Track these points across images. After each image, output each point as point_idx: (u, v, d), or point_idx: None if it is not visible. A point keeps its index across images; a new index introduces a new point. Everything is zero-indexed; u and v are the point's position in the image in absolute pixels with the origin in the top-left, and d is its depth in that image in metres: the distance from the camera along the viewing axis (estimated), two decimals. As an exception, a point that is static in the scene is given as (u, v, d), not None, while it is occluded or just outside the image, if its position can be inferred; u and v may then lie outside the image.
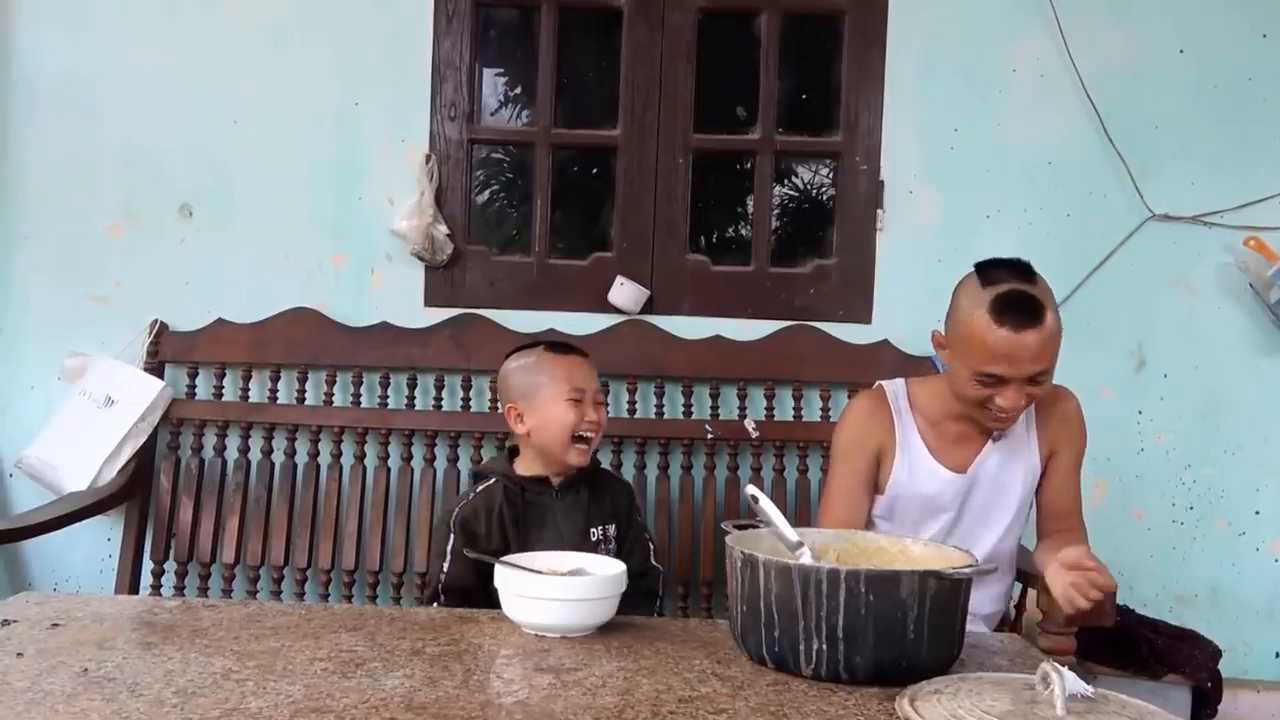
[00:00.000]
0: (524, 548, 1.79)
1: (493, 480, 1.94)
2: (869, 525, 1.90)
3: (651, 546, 2.03)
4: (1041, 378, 1.73)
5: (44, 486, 2.43)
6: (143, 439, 2.44)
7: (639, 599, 1.79)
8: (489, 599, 1.67)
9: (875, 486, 1.92)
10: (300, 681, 1.14)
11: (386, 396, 2.50)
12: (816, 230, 2.73)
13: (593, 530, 1.92)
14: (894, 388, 1.96)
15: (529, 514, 1.90)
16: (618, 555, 1.89)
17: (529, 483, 1.93)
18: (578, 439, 1.88)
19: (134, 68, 2.56)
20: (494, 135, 2.73)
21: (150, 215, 2.56)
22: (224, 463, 2.49)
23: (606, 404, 2.02)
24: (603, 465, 2.11)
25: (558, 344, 2.03)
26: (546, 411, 1.89)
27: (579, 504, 1.93)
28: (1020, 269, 1.74)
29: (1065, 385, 1.94)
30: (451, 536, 1.87)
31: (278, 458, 2.48)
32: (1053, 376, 1.76)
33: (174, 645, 1.26)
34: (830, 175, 2.70)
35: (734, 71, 2.68)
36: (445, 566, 1.86)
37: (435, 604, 1.84)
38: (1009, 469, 1.89)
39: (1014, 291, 1.70)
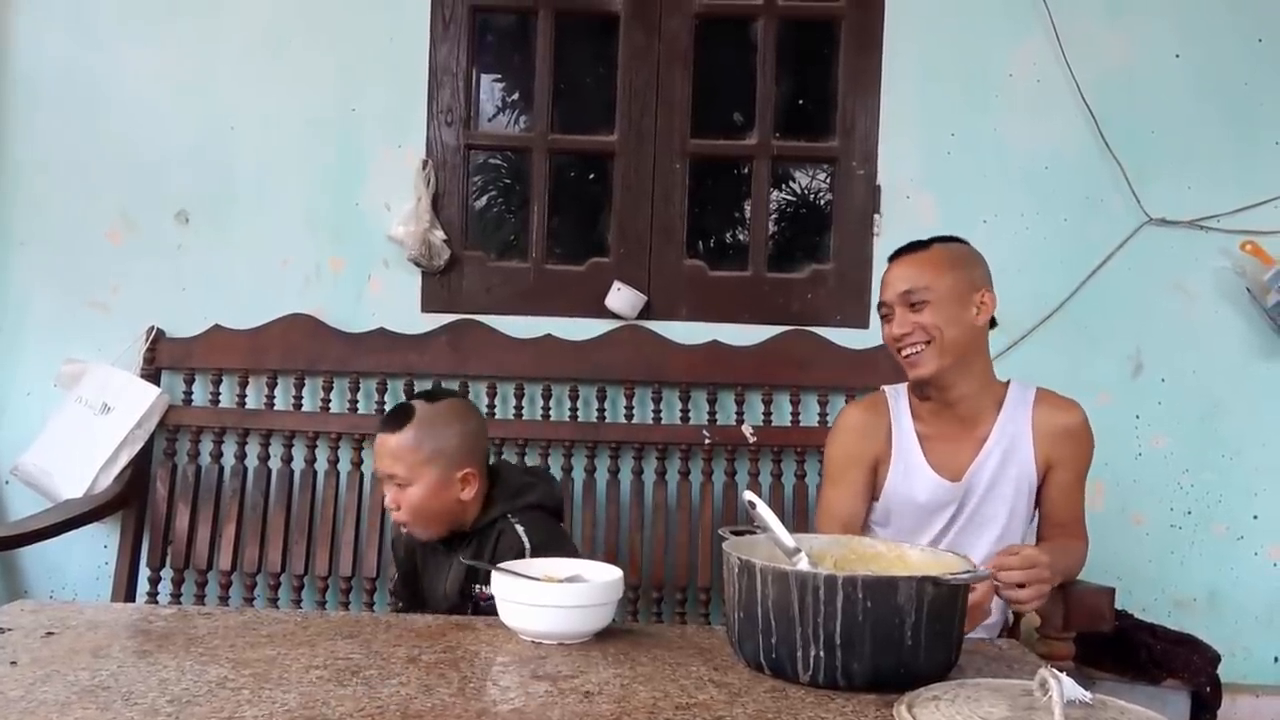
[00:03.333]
0: (425, 582, 1.88)
1: None
2: (865, 532, 1.90)
3: None
4: (915, 297, 1.82)
5: (40, 493, 2.43)
6: (139, 446, 2.44)
7: None
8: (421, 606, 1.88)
9: (872, 495, 1.92)
10: (296, 690, 1.13)
11: (383, 402, 2.49)
12: (813, 235, 2.73)
13: (473, 586, 1.76)
14: (895, 393, 1.96)
15: (430, 557, 1.87)
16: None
17: None
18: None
19: (133, 73, 2.56)
20: (491, 141, 2.73)
21: (148, 221, 2.56)
22: (220, 469, 2.48)
23: (426, 491, 1.76)
24: (525, 509, 1.82)
25: (390, 411, 1.89)
26: None
27: (465, 557, 1.75)
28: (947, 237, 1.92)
29: (1068, 392, 1.94)
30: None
31: (274, 464, 2.48)
32: (941, 311, 1.80)
33: (169, 653, 1.26)
34: (827, 180, 2.70)
35: (731, 76, 2.68)
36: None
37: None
38: (1004, 476, 1.88)
39: (910, 242, 1.91)
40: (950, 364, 1.82)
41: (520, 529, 1.77)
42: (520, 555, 1.71)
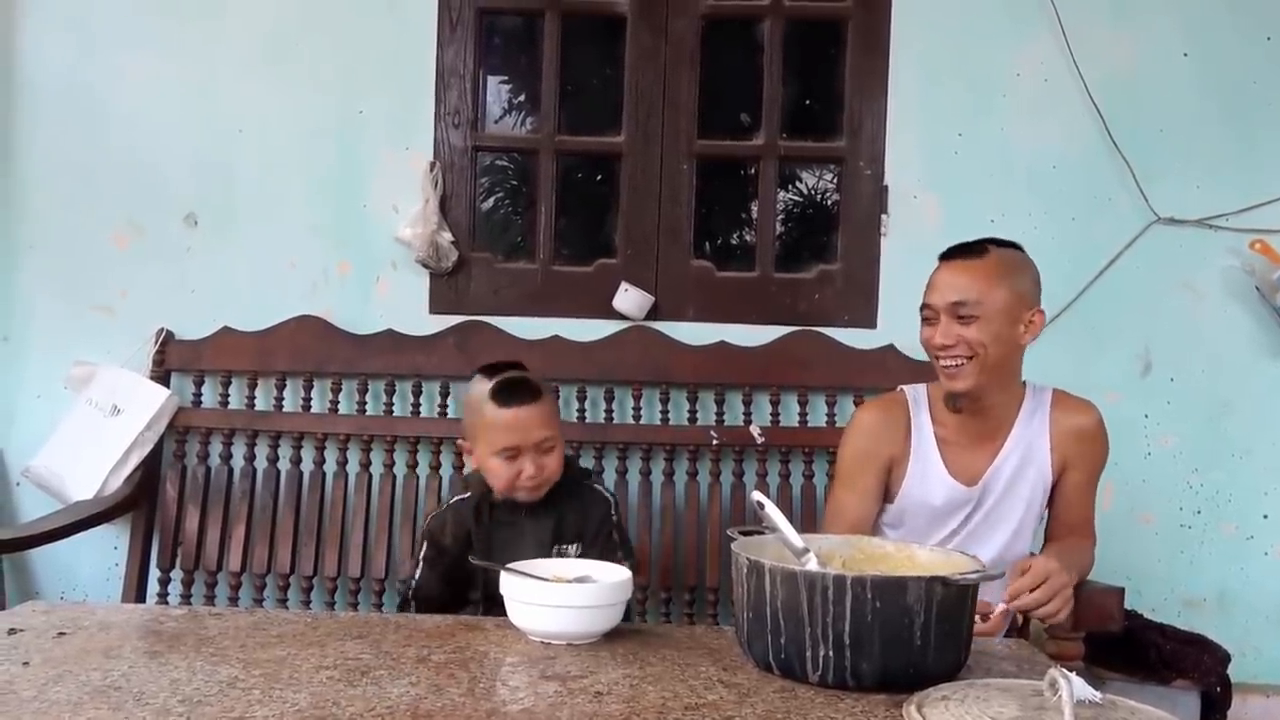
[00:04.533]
0: (489, 560, 1.79)
1: (468, 494, 1.93)
2: (876, 534, 1.90)
3: (628, 563, 1.86)
4: (964, 310, 1.77)
5: (51, 495, 2.44)
6: (149, 447, 2.44)
7: None
8: (459, 606, 1.82)
9: (885, 496, 1.92)
10: (306, 690, 1.14)
11: (391, 404, 2.50)
12: (820, 235, 2.73)
13: (556, 548, 1.84)
14: (915, 393, 1.95)
15: (496, 531, 1.87)
16: None
17: (499, 501, 1.89)
18: (521, 488, 1.83)
19: (138, 77, 2.57)
20: (498, 142, 2.73)
21: (155, 224, 2.57)
22: (230, 471, 2.49)
23: (560, 448, 1.86)
24: (591, 474, 1.98)
25: (504, 387, 1.86)
26: (484, 459, 1.85)
27: (547, 523, 1.87)
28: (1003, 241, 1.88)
29: (1077, 392, 1.94)
30: (424, 545, 1.91)
31: (283, 465, 2.48)
32: (989, 328, 1.77)
33: (180, 654, 1.26)
34: (834, 180, 2.70)
35: (737, 77, 2.68)
36: (417, 574, 1.90)
37: (409, 609, 1.88)
38: (1020, 479, 1.88)
39: (970, 240, 1.85)
40: (987, 380, 1.81)
41: (599, 487, 1.92)
42: (610, 509, 1.92)
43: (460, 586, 1.87)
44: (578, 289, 2.59)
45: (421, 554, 1.91)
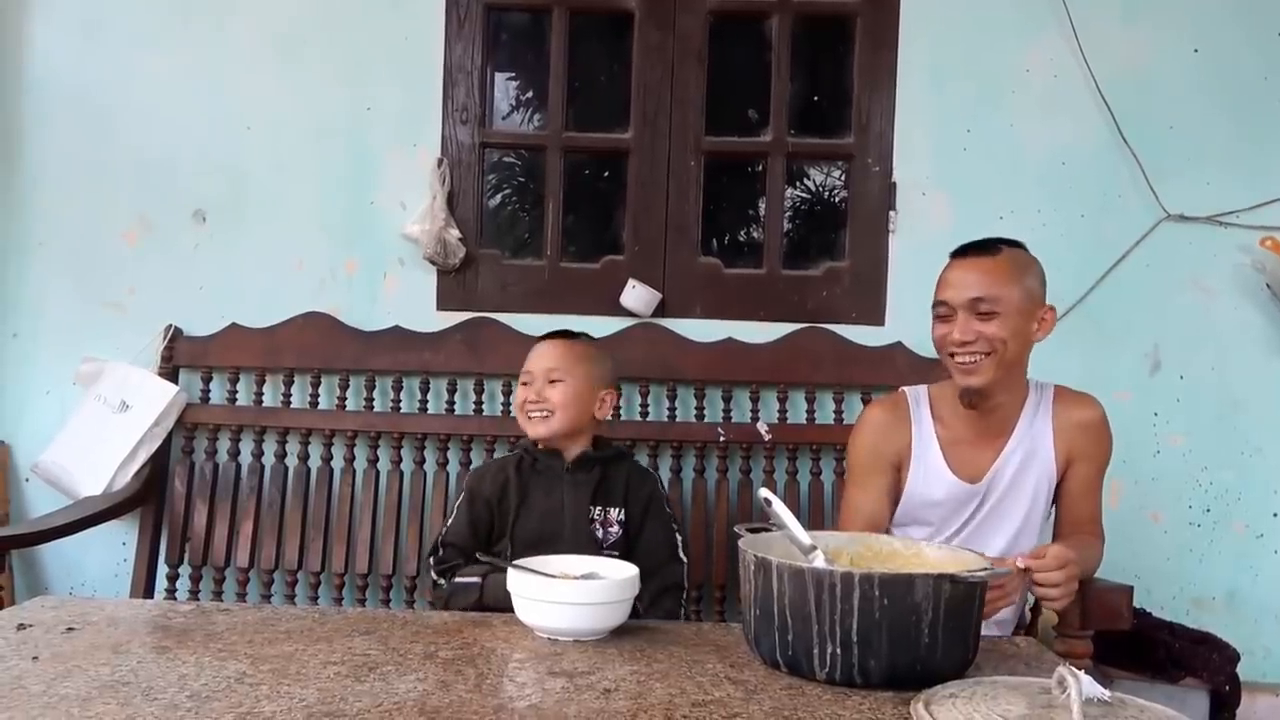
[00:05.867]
0: (522, 510, 1.95)
1: (514, 451, 2.12)
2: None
3: (679, 539, 2.03)
4: (984, 307, 1.77)
5: (59, 491, 2.45)
6: (157, 444, 2.45)
7: (663, 591, 1.93)
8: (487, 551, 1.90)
9: (896, 495, 1.92)
10: (313, 685, 1.14)
11: (399, 400, 2.50)
12: (829, 232, 2.73)
13: (594, 508, 1.97)
14: (915, 393, 1.96)
15: (535, 481, 2.00)
16: (623, 540, 1.96)
17: (542, 454, 2.02)
18: (528, 415, 2.00)
19: (147, 75, 2.57)
20: (506, 139, 2.73)
21: (164, 221, 2.58)
22: (238, 467, 2.50)
23: (573, 391, 1.99)
24: (633, 460, 2.16)
25: (552, 332, 2.12)
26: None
27: (588, 482, 1.98)
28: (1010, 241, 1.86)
29: (1086, 390, 1.94)
30: (464, 494, 2.03)
31: (291, 462, 2.49)
32: (1009, 324, 1.77)
33: (188, 649, 1.27)
34: (842, 177, 2.69)
35: (745, 74, 2.67)
36: (449, 522, 2.01)
37: (432, 558, 1.96)
38: (1024, 476, 1.87)
39: (980, 239, 1.84)
40: (1002, 376, 1.81)
41: (640, 463, 2.09)
42: (658, 484, 2.07)
43: (487, 539, 1.98)
44: (585, 286, 2.59)
45: (459, 503, 2.03)
